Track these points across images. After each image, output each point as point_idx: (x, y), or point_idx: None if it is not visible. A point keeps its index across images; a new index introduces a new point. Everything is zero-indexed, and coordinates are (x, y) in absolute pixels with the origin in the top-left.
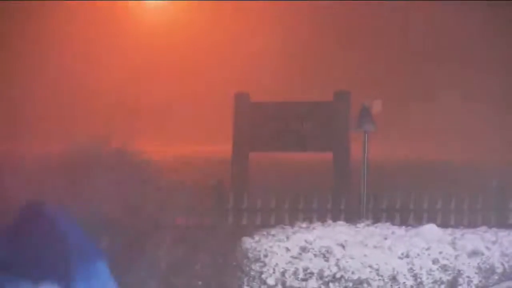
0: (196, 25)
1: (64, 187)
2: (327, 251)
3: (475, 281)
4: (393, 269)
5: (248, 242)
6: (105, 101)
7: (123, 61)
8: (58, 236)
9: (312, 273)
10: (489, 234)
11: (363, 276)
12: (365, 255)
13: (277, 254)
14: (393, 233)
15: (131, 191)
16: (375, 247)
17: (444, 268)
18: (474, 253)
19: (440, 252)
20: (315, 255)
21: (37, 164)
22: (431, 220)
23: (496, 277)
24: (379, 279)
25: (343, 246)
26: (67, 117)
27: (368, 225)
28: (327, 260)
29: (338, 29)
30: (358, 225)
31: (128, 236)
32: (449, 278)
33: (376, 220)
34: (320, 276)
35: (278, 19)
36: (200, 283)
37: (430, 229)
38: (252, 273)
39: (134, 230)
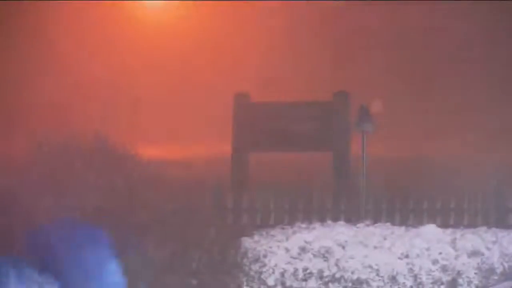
0: (195, 25)
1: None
2: (327, 251)
3: (475, 281)
4: (393, 269)
5: (247, 242)
6: (103, 101)
7: (122, 61)
8: None
9: (311, 273)
10: (489, 234)
11: (363, 276)
12: (364, 256)
13: (276, 254)
14: (392, 233)
15: (129, 191)
16: (375, 247)
17: (444, 269)
18: (474, 253)
19: (440, 253)
20: (314, 255)
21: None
22: (431, 220)
23: (496, 277)
24: (379, 280)
25: (342, 246)
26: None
27: (367, 225)
28: (326, 260)
29: (338, 29)
30: (358, 225)
31: (126, 234)
32: (448, 278)
33: (376, 220)
34: (320, 276)
35: (278, 19)
36: (195, 282)
37: (430, 230)
38: (252, 273)
39: (132, 229)
